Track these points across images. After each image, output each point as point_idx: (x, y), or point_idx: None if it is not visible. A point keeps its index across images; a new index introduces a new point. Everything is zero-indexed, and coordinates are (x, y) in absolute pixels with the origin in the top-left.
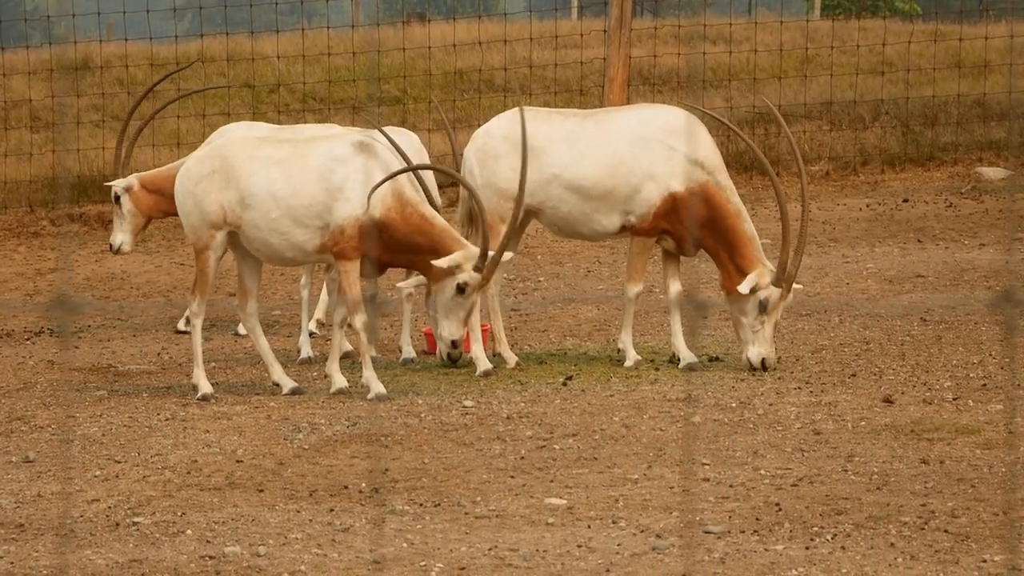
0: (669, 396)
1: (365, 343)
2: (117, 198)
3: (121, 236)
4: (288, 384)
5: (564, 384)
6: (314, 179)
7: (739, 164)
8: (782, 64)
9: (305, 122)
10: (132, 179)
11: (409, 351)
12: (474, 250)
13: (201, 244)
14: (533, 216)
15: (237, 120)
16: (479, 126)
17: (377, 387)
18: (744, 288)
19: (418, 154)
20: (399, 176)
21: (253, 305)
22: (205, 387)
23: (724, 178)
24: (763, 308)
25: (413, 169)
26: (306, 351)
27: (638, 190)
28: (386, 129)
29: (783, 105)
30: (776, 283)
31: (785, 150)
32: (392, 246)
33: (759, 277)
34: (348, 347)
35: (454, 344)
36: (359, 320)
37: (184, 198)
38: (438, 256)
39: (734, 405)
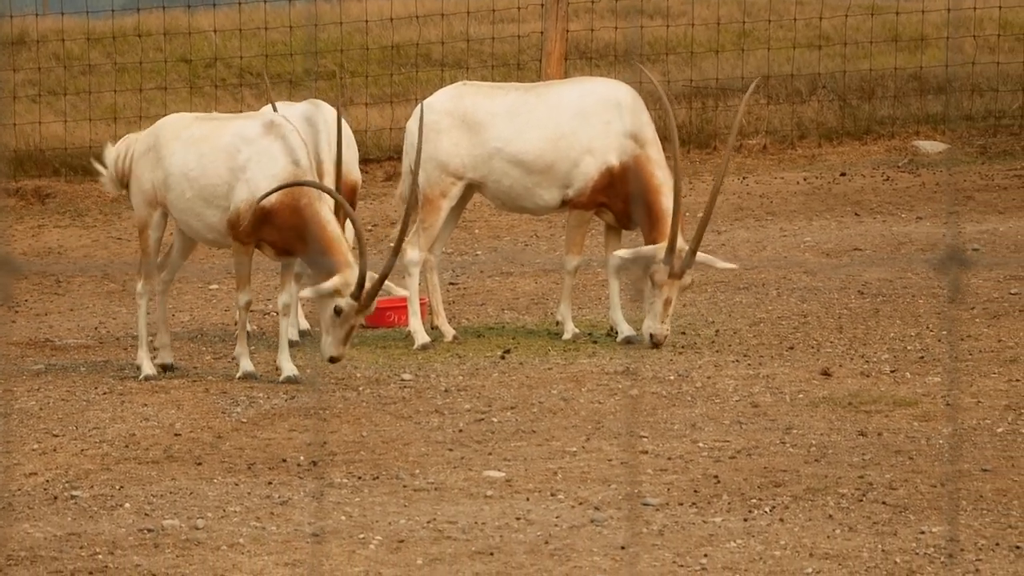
0: (607, 369)
1: (244, 320)
2: None
3: None
4: (148, 368)
5: (502, 357)
6: (222, 159)
7: None
8: (719, 38)
9: (243, 97)
10: None
11: None
12: (353, 276)
13: (142, 222)
14: (476, 189)
15: (175, 95)
16: (416, 101)
17: (246, 365)
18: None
19: (331, 127)
20: (301, 162)
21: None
22: (148, 368)
23: (655, 152)
24: (652, 283)
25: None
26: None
27: (577, 164)
28: (300, 104)
29: (720, 79)
30: (665, 260)
31: (723, 124)
32: (286, 235)
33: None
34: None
35: (332, 360)
36: (242, 298)
37: (131, 176)
38: (326, 259)
39: (672, 378)
